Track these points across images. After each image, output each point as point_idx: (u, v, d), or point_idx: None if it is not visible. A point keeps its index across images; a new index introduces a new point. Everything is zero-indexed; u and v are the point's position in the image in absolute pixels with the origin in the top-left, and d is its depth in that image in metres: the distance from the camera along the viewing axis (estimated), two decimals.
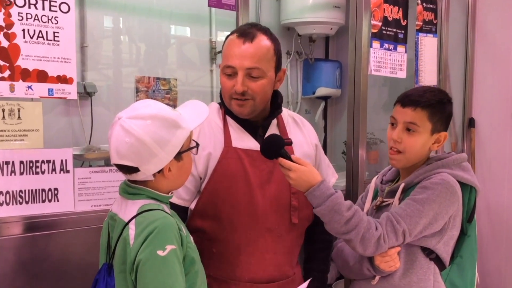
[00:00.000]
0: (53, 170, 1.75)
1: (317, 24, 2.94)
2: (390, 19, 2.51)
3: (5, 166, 1.66)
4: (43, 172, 1.73)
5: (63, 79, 1.72)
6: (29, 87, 1.66)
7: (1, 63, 1.61)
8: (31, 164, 1.70)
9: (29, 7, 1.65)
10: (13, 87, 1.63)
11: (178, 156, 1.32)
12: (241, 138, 1.64)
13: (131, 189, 1.33)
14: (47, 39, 1.69)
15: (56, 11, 1.70)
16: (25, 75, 1.65)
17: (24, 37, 1.65)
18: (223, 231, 1.60)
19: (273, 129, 1.70)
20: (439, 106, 1.61)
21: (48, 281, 1.73)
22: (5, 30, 1.62)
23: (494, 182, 3.21)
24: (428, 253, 1.60)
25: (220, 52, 1.88)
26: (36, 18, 1.67)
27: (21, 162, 1.69)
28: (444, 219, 1.55)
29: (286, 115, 1.78)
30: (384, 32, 2.48)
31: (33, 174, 1.71)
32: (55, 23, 1.70)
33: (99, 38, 2.42)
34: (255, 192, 1.59)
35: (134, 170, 1.28)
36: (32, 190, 1.71)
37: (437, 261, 1.61)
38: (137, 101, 1.78)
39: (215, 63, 2.81)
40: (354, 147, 2.48)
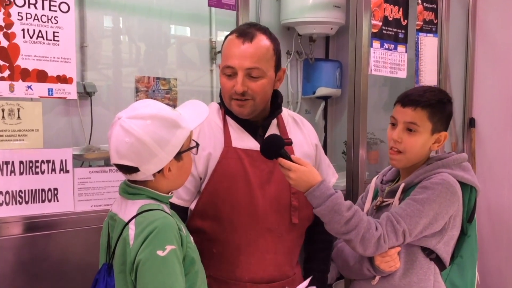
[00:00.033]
0: (53, 170, 1.74)
1: (317, 24, 2.94)
2: (390, 19, 2.51)
3: (5, 166, 1.66)
4: (42, 172, 1.72)
5: (62, 79, 1.72)
6: (29, 87, 1.66)
7: (1, 63, 1.61)
8: (30, 164, 1.70)
9: (28, 7, 1.65)
10: (12, 87, 1.63)
11: (178, 156, 1.31)
12: (241, 138, 1.64)
13: (131, 189, 1.33)
14: (46, 39, 1.68)
15: (56, 11, 1.70)
16: (25, 75, 1.65)
17: (23, 37, 1.64)
18: (223, 231, 1.59)
19: (273, 129, 1.70)
20: (439, 106, 1.61)
21: (48, 281, 1.72)
22: (4, 30, 1.62)
23: (494, 182, 3.20)
24: (428, 253, 1.59)
25: (220, 52, 1.87)
26: (36, 18, 1.66)
27: (21, 162, 1.68)
28: (444, 219, 1.55)
29: (286, 115, 1.78)
30: (384, 32, 2.48)
31: (33, 174, 1.71)
32: (55, 23, 1.70)
33: (99, 38, 2.42)
34: (255, 192, 1.59)
35: (134, 170, 1.28)
36: (32, 190, 1.71)
37: (437, 261, 1.61)
38: (137, 101, 1.78)
39: (215, 63, 2.80)
40: (354, 147, 2.48)
